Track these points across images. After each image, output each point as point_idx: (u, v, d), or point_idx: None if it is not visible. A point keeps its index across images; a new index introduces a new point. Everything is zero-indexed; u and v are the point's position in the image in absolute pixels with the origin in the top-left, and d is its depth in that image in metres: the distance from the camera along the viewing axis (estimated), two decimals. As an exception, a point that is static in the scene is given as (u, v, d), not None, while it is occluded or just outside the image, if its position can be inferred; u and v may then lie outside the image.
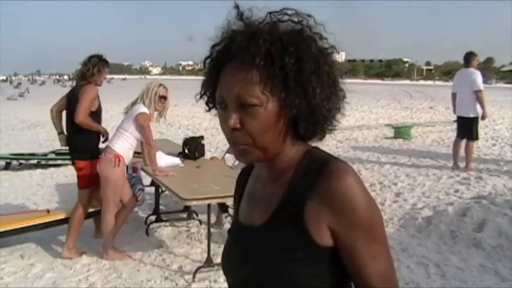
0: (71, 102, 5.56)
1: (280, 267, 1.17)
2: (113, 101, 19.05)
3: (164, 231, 6.04)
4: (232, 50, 1.16)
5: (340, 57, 1.30)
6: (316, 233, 1.14)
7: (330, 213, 1.13)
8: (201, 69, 1.27)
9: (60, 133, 5.82)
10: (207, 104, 1.30)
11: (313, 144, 1.28)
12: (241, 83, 1.14)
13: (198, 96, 1.30)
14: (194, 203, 4.83)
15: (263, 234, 1.23)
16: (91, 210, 5.75)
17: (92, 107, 5.40)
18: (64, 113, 5.66)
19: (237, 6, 1.20)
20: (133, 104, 5.27)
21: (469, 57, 9.21)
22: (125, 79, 72.42)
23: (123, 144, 5.09)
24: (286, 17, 1.19)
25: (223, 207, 6.02)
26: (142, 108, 5.12)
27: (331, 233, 1.15)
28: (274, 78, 1.13)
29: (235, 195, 1.46)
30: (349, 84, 1.27)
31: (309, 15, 1.21)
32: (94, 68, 5.50)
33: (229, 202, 5.84)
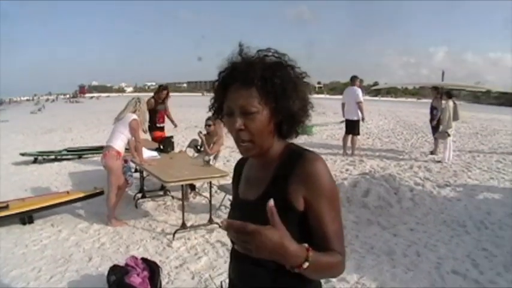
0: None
1: None
2: (101, 111, 18.33)
3: (148, 205, 5.88)
4: (234, 75, 1.18)
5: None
6: (296, 202, 1.17)
7: (304, 188, 1.16)
8: (210, 88, 1.28)
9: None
10: (215, 113, 1.30)
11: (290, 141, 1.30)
12: (244, 97, 1.16)
13: (209, 108, 1.30)
14: (172, 184, 4.74)
15: (257, 206, 1.21)
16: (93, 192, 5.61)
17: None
18: None
19: (240, 45, 1.22)
20: (122, 113, 5.10)
21: (353, 79, 9.52)
22: (108, 96, 71.03)
23: (120, 143, 4.93)
24: (270, 53, 1.22)
25: (192, 186, 6.01)
26: (134, 116, 5.00)
27: (304, 202, 1.17)
28: (268, 94, 1.16)
29: (234, 179, 1.44)
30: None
31: (284, 54, 1.24)
32: (158, 92, 7.52)
33: (196, 183, 5.85)
